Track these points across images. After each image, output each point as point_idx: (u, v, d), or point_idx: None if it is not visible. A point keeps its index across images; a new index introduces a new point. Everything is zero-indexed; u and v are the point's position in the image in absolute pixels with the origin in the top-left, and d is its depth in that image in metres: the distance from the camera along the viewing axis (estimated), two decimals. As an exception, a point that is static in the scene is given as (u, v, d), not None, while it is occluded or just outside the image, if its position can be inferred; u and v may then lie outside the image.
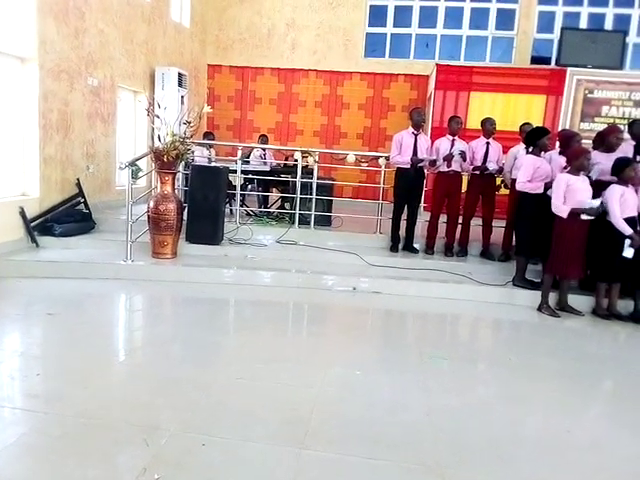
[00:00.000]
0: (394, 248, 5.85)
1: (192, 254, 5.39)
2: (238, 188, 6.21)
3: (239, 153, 6.18)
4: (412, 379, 3.16)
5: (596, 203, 4.35)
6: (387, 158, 6.01)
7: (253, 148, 7.49)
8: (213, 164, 6.65)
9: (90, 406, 2.55)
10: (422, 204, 6.17)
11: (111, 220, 6.07)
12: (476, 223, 5.89)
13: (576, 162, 4.46)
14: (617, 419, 2.88)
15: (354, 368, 3.24)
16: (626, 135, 5.66)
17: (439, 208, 5.81)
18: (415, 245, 5.91)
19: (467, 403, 2.91)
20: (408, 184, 5.66)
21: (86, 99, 6.50)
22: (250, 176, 6.92)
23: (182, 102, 8.23)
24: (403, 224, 5.85)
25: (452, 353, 3.70)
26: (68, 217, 5.73)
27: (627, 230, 4.34)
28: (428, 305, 4.83)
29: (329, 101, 10.12)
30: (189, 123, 5.18)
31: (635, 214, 4.43)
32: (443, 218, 5.85)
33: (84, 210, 6.09)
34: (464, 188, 5.93)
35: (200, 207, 5.41)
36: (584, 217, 4.36)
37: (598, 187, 4.62)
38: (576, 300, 4.78)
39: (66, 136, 6.11)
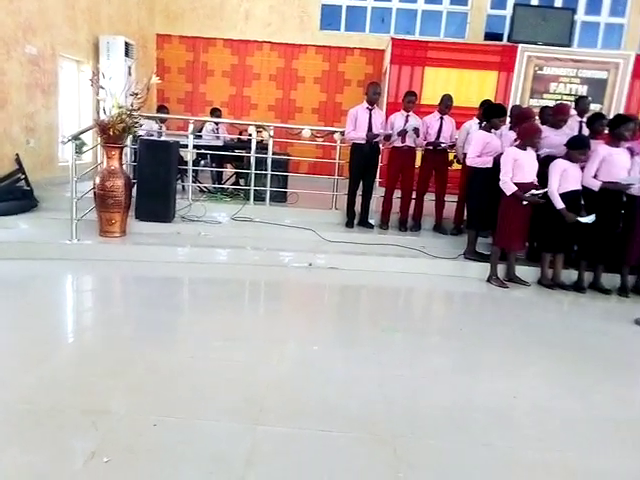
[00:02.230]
0: (350, 224, 5.87)
1: (143, 232, 5.22)
2: (190, 164, 6.03)
3: (190, 127, 5.99)
4: (367, 353, 3.20)
5: (538, 192, 4.48)
6: (342, 133, 5.98)
7: (205, 122, 7.27)
8: (163, 138, 6.43)
9: (35, 391, 2.45)
10: (377, 179, 6.20)
11: (55, 197, 5.77)
12: (430, 198, 5.99)
13: (528, 139, 4.56)
14: (561, 383, 3.01)
15: (311, 344, 3.25)
16: (573, 111, 5.86)
17: (393, 183, 5.85)
18: (370, 220, 5.95)
19: (420, 374, 2.98)
20: (363, 159, 5.65)
21: (24, 69, 6.10)
22: (203, 151, 6.73)
23: (129, 73, 7.87)
24: (359, 200, 5.87)
25: (406, 325, 3.78)
26: (7, 195, 5.42)
27: (559, 204, 4.51)
28: (383, 279, 4.89)
29: (284, 74, 9.93)
30: (136, 95, 4.96)
31: (577, 188, 4.59)
32: (398, 193, 5.91)
33: (25, 187, 5.77)
34: (418, 163, 5.99)
35: (150, 183, 5.22)
36: (525, 202, 4.48)
37: (546, 161, 4.77)
38: (523, 271, 4.96)
39: (3, 108, 5.74)
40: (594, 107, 7.99)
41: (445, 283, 4.95)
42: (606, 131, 4.82)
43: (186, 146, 5.97)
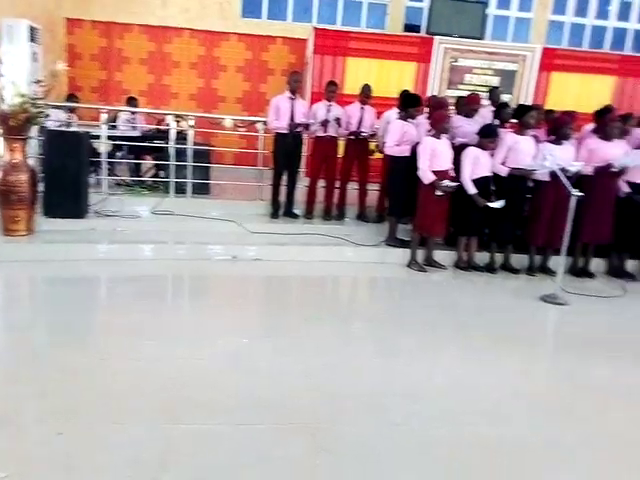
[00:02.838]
0: (275, 214, 5.84)
1: (53, 229, 4.90)
2: (104, 155, 5.73)
3: (103, 117, 5.68)
4: (293, 342, 3.22)
5: (452, 184, 4.66)
6: (265, 123, 5.92)
7: (118, 111, 6.93)
8: (73, 129, 6.06)
9: None
10: (302, 169, 6.21)
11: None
12: (353, 187, 6.08)
13: (438, 126, 4.74)
14: (476, 360, 3.18)
15: (239, 337, 3.22)
16: (486, 101, 6.15)
17: (317, 173, 5.88)
18: (295, 210, 5.95)
19: (343, 360, 3.03)
20: (286, 149, 5.63)
21: None
22: (119, 142, 6.42)
23: (35, 59, 7.33)
24: (283, 190, 5.85)
25: (330, 313, 3.83)
26: None
27: (471, 190, 4.74)
28: (309, 269, 4.92)
29: (205, 63, 9.67)
30: (39, 82, 4.63)
31: (488, 174, 4.83)
32: (322, 183, 5.95)
33: None
34: (341, 153, 6.06)
35: (58, 177, 4.91)
36: (438, 193, 4.65)
37: (461, 148, 4.98)
38: (441, 255, 5.18)
39: None
40: (506, 97, 8.46)
41: (368, 270, 5.06)
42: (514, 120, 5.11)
43: (99, 137, 5.67)
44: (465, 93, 7.69)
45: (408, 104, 5.14)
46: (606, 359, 3.33)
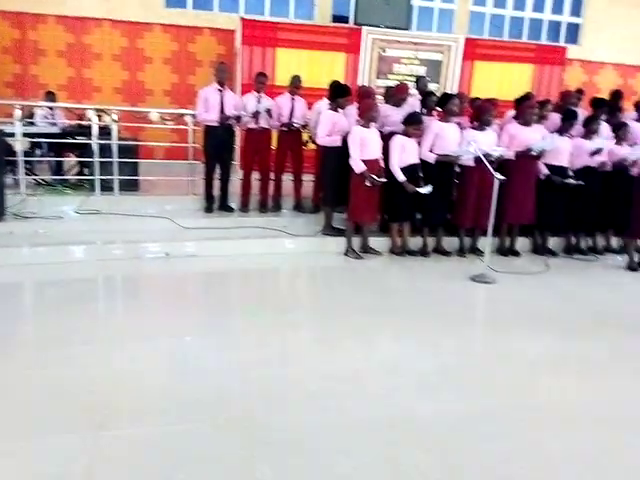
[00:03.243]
0: (209, 209, 5.73)
1: (-34, 235, 4.57)
2: (21, 154, 5.37)
3: (16, 113, 5.31)
4: (231, 338, 3.18)
5: (380, 179, 4.75)
6: (194, 116, 5.77)
7: (34, 107, 6.52)
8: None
9: None
10: (236, 162, 6.10)
11: None
12: (288, 178, 6.07)
13: (366, 115, 4.80)
14: (411, 340, 3.27)
15: (175, 336, 3.14)
16: (414, 90, 6.30)
17: (251, 165, 5.82)
18: (231, 204, 5.86)
19: (282, 352, 3.04)
20: (218, 142, 5.52)
21: None
22: (37, 140, 6.04)
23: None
24: (217, 184, 5.74)
25: (269, 306, 3.80)
26: None
27: (400, 177, 4.86)
28: (246, 262, 4.87)
29: (129, 55, 9.26)
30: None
31: (415, 161, 4.96)
32: (257, 175, 5.90)
33: None
34: (275, 144, 6.02)
35: (-31, 179, 4.56)
36: (368, 183, 4.73)
37: (391, 137, 5.07)
38: (377, 242, 5.28)
39: None
40: (434, 86, 8.71)
41: (306, 260, 5.08)
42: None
43: (14, 134, 5.30)
44: (394, 83, 7.86)
45: (337, 94, 5.17)
46: (533, 332, 3.52)
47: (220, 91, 5.50)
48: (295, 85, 5.91)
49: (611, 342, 3.45)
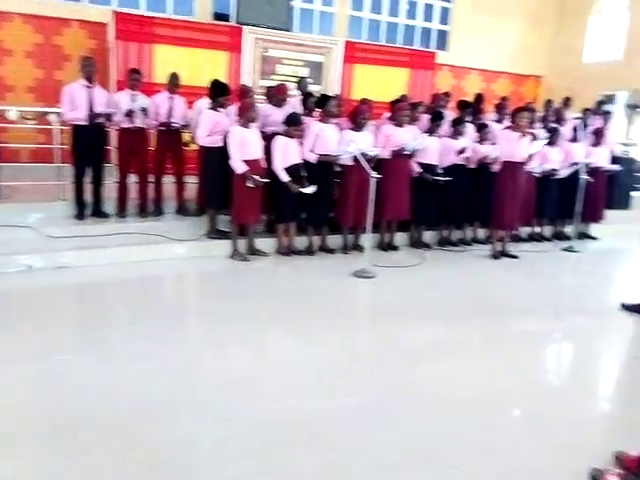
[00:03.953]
0: (80, 215, 5.31)
1: None
2: None
3: None
4: (106, 352, 3.00)
5: (262, 180, 4.75)
6: (60, 114, 5.31)
7: None
8: None
9: None
10: (111, 164, 5.72)
11: None
12: (170, 180, 5.84)
13: (245, 115, 4.77)
14: (299, 338, 3.31)
15: (42, 357, 2.87)
16: (297, 91, 6.38)
17: (127, 167, 5.50)
18: (106, 209, 5.50)
19: (163, 362, 2.90)
20: (87, 142, 5.12)
21: None
22: None
23: None
24: (90, 187, 5.35)
25: (151, 315, 3.61)
26: None
27: (284, 178, 4.91)
28: (126, 271, 4.60)
29: (-17, 46, 8.31)
30: None
31: (298, 161, 5.02)
32: (135, 177, 5.59)
33: None
34: (153, 145, 5.75)
35: None
36: (250, 184, 4.71)
37: (272, 137, 5.08)
38: (264, 243, 5.27)
39: None
40: (317, 88, 8.89)
41: (191, 265, 4.93)
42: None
43: None
44: (277, 83, 7.93)
45: (217, 93, 5.07)
46: (413, 321, 3.75)
47: (88, 87, 5.13)
48: (173, 83, 5.70)
49: (482, 326, 3.77)
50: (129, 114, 5.28)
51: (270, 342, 3.32)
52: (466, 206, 5.88)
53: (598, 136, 6.50)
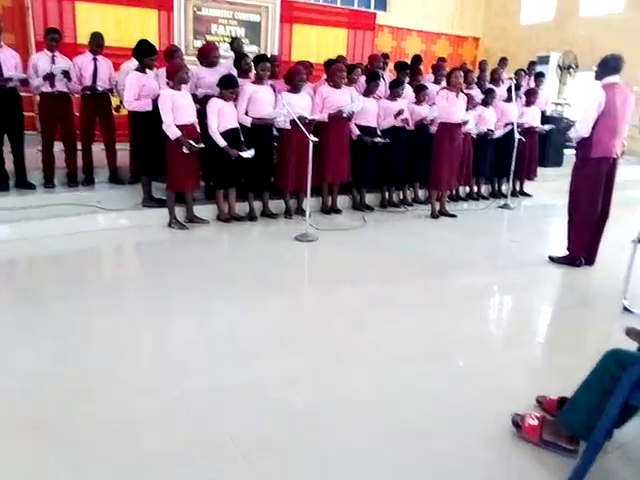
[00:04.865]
0: (3, 186, 4.96)
1: None
2: None
3: None
4: (26, 331, 2.83)
5: (197, 145, 4.57)
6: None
7: None
8: None
9: None
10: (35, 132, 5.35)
11: None
12: (101, 147, 5.54)
13: (175, 77, 4.54)
14: (241, 307, 3.26)
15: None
16: (230, 52, 6.14)
17: (51, 134, 5.16)
18: (31, 180, 5.16)
19: (87, 339, 2.78)
20: (-2, 110, 4.74)
21: None
22: None
23: None
24: (10, 157, 4.99)
25: (81, 290, 3.44)
26: None
27: (221, 142, 4.75)
28: (56, 245, 4.36)
29: None
30: None
31: (235, 125, 4.87)
32: (61, 145, 5.26)
33: None
34: (79, 111, 5.41)
35: None
36: (185, 150, 4.53)
37: (206, 100, 4.88)
38: (203, 210, 5.13)
39: None
40: (253, 49, 8.60)
41: (126, 236, 4.73)
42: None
43: None
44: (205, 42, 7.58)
45: (142, 53, 4.79)
46: (355, 283, 3.78)
47: (-4, 50, 4.71)
48: (96, 44, 5.34)
49: (423, 283, 3.86)
50: (49, 77, 4.91)
51: (209, 311, 3.25)
52: (406, 167, 5.94)
53: (531, 96, 6.68)
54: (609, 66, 3.99)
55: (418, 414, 2.25)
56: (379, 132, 5.66)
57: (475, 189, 6.80)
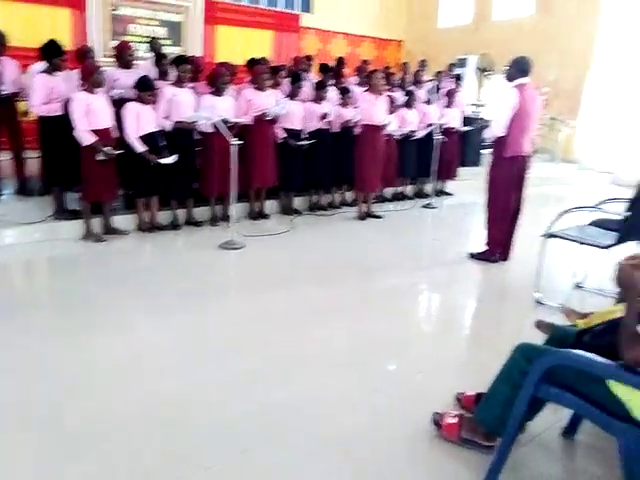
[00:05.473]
0: None
1: None
2: None
3: None
4: None
5: (113, 151, 4.35)
6: None
7: None
8: None
9: None
10: None
11: None
12: (7, 157, 5.15)
13: (91, 78, 4.30)
14: (165, 320, 3.12)
15: None
16: (149, 54, 5.90)
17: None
18: None
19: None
20: None
21: None
22: None
23: None
24: None
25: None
26: None
27: (139, 148, 4.56)
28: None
29: None
30: None
31: (155, 129, 4.68)
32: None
33: None
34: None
35: None
36: (100, 157, 4.31)
37: (122, 103, 4.65)
38: (123, 220, 4.89)
39: None
40: (176, 50, 8.34)
41: (36, 251, 4.40)
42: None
43: None
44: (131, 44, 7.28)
45: (50, 54, 4.50)
46: (281, 289, 3.73)
47: None
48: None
49: (351, 286, 3.88)
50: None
51: (131, 328, 3.07)
52: (333, 170, 5.96)
53: (450, 98, 6.92)
54: (519, 68, 4.19)
55: (340, 419, 2.24)
56: (305, 135, 5.64)
57: (400, 189, 6.96)
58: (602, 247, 3.38)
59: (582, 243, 3.50)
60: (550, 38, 10.03)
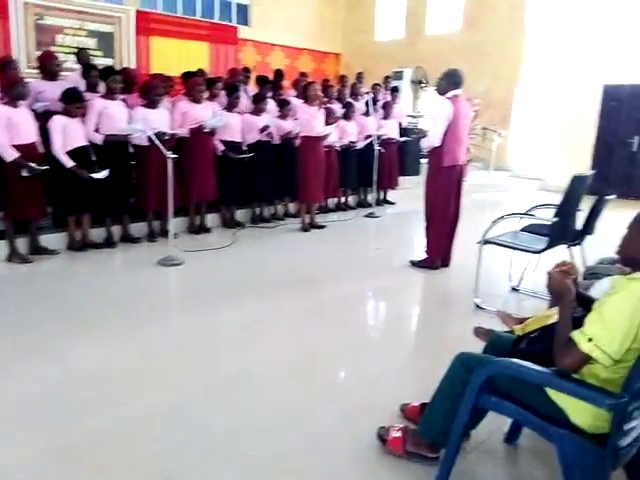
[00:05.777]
0: None
1: None
2: None
3: None
4: None
5: (38, 167, 4.11)
6: None
7: None
8: None
9: None
10: None
11: None
12: None
13: (12, 90, 4.05)
14: (105, 343, 2.92)
15: None
16: (77, 65, 5.65)
17: None
18: None
19: None
20: None
21: None
22: None
23: None
24: None
25: None
26: None
27: (68, 163, 4.33)
28: None
29: None
30: None
31: (84, 143, 4.45)
32: None
33: None
34: None
35: None
36: (25, 173, 4.06)
37: (47, 117, 4.40)
38: (52, 239, 4.61)
39: None
40: (108, 61, 8.04)
41: (-47, 275, 4.07)
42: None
43: None
44: (58, 55, 6.94)
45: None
46: (221, 305, 3.60)
47: None
48: None
49: (295, 298, 3.80)
50: None
51: (61, 354, 2.86)
52: (275, 182, 5.92)
53: (387, 110, 7.06)
54: (451, 80, 4.31)
55: (283, 436, 2.17)
56: (244, 147, 5.57)
57: (343, 200, 7.01)
58: (534, 252, 3.51)
59: (515, 249, 3.63)
60: (480, 52, 10.50)
